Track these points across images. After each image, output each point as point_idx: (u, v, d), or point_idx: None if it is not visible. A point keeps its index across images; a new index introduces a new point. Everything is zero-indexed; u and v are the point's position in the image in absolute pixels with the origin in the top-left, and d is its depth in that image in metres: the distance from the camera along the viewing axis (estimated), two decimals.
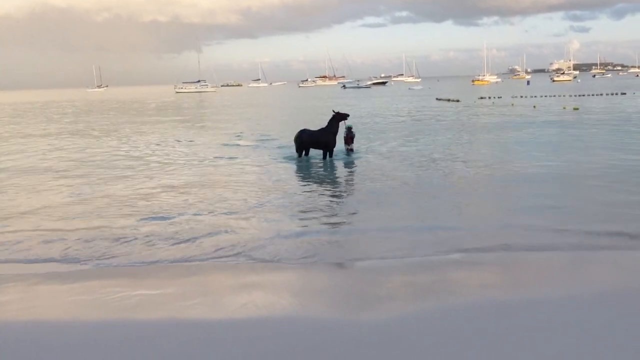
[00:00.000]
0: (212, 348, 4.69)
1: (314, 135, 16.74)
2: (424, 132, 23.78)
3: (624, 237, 7.95)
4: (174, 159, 17.82)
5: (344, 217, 9.72)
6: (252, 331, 5.03)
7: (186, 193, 12.02)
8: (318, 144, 16.62)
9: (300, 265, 7.13)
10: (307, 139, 16.68)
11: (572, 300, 5.55)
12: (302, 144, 16.71)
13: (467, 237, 8.08)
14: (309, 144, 16.75)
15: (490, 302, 5.57)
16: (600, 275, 6.63)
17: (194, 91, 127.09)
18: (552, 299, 5.58)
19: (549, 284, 6.21)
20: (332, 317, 5.44)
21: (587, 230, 8.30)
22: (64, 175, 15.05)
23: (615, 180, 11.95)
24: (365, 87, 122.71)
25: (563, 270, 6.91)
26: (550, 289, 5.96)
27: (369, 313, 5.46)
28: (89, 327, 5.29)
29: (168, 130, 29.51)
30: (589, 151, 16.63)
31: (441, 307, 5.55)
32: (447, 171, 13.76)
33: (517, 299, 5.69)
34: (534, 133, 22.26)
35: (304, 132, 16.93)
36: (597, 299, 5.60)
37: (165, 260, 7.51)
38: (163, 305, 5.84)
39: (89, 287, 6.57)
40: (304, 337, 4.90)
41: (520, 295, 5.81)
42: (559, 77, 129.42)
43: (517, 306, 5.46)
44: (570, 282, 6.27)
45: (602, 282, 6.25)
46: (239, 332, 5.00)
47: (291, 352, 4.60)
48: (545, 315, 5.16)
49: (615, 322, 4.99)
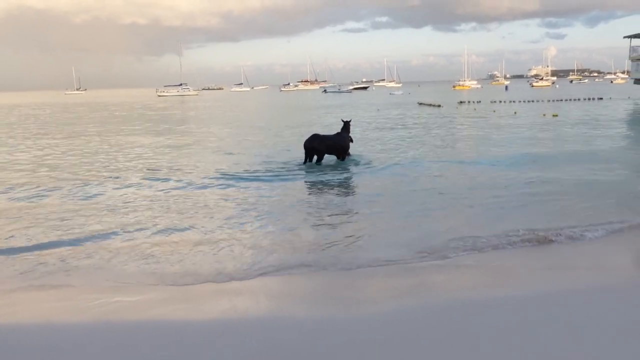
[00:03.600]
0: (193, 352, 4.70)
1: (332, 139, 16.18)
2: (415, 139, 23.96)
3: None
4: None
5: (326, 224, 9.77)
6: (234, 334, 5.04)
7: (165, 209, 11.95)
8: (337, 148, 16.04)
9: (279, 273, 7.15)
10: (328, 143, 15.89)
11: (547, 297, 5.67)
12: (323, 148, 15.79)
13: (442, 240, 8.20)
14: (327, 149, 15.91)
15: (468, 300, 5.66)
16: (574, 272, 6.78)
17: (176, 95, 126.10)
18: (527, 296, 5.70)
19: (523, 282, 6.34)
20: (312, 317, 5.49)
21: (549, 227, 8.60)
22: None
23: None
24: (346, 91, 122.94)
25: (537, 268, 7.04)
26: (525, 287, 6.08)
27: (349, 312, 5.53)
28: (68, 333, 5.25)
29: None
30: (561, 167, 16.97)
31: (420, 305, 5.65)
32: (434, 179, 13.93)
33: (495, 296, 5.78)
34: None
35: (318, 137, 16.08)
36: (571, 295, 5.75)
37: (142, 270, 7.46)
38: (143, 311, 5.83)
39: (67, 293, 6.52)
40: (284, 337, 4.93)
41: (497, 293, 5.91)
42: (537, 82, 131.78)
43: (496, 303, 5.56)
44: (544, 280, 6.39)
45: (575, 279, 6.40)
46: (220, 336, 5.01)
47: (273, 353, 4.62)
48: (521, 311, 5.27)
49: (590, 317, 5.12)
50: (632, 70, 55.52)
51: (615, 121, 31.62)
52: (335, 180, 13.84)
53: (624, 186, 12.12)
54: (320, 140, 15.82)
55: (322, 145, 15.71)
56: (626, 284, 6.32)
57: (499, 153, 18.06)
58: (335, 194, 12.42)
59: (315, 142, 15.72)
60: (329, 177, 14.10)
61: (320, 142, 15.76)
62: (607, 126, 28.07)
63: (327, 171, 14.83)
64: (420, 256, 7.56)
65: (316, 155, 15.76)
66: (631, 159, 16.86)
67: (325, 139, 16.05)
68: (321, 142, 15.79)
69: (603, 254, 7.66)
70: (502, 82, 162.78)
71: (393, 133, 26.62)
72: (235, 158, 18.21)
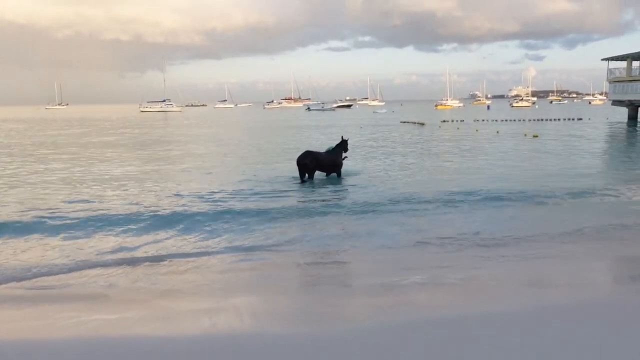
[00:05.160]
0: None
1: (326, 157, 16.44)
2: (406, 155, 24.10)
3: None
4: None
5: (306, 239, 9.74)
6: (215, 352, 4.97)
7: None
8: (332, 165, 16.35)
9: (261, 289, 7.10)
10: (320, 161, 16.16)
11: (527, 312, 5.69)
12: (311, 167, 15.99)
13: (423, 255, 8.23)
14: (320, 166, 16.22)
15: (446, 316, 5.66)
16: (553, 288, 6.83)
17: (159, 110, 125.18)
18: (506, 313, 5.72)
19: (500, 298, 6.36)
20: (293, 332, 5.44)
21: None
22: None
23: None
24: (330, 109, 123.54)
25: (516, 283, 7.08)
26: (502, 303, 6.11)
27: (330, 328, 5.49)
28: (44, 353, 5.12)
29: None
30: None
31: (399, 321, 5.63)
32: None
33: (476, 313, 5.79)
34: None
35: (311, 154, 16.31)
36: (547, 312, 5.78)
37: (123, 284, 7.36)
38: (122, 330, 5.72)
39: (42, 311, 6.38)
40: (265, 352, 4.87)
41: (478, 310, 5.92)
42: (517, 103, 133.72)
43: (477, 319, 5.56)
44: (520, 296, 6.43)
45: (553, 295, 6.44)
46: (201, 354, 4.93)
47: None
48: (500, 328, 5.29)
49: (571, 334, 5.14)
50: (609, 91, 56.65)
51: (594, 141, 32.23)
52: (320, 198, 13.83)
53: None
54: (312, 157, 16.03)
55: (313, 162, 15.94)
56: (608, 300, 6.37)
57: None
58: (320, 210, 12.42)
59: (308, 159, 15.93)
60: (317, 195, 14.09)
61: (312, 159, 15.98)
62: (588, 144, 28.58)
63: (316, 188, 14.86)
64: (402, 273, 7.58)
65: (307, 172, 15.93)
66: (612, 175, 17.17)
67: (318, 156, 16.29)
68: (313, 159, 16.01)
69: (582, 269, 7.73)
70: (483, 101, 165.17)
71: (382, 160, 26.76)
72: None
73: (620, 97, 52.74)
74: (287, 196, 13.92)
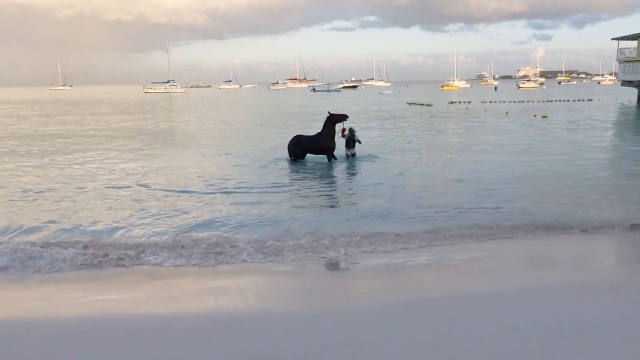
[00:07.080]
0: (179, 350, 4.63)
1: (312, 140, 16.24)
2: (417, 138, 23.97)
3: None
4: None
5: (315, 222, 9.74)
6: (220, 332, 4.99)
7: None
8: (316, 149, 16.15)
9: (266, 271, 7.12)
10: (305, 145, 16.14)
11: (526, 293, 5.68)
12: (300, 151, 16.14)
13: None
14: (306, 150, 16.20)
15: (449, 297, 5.66)
16: (553, 269, 6.81)
17: (163, 92, 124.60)
18: (508, 293, 5.71)
19: (504, 279, 6.35)
20: (299, 311, 5.46)
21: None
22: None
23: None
24: (335, 90, 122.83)
25: (519, 265, 7.06)
26: (507, 284, 6.10)
27: (336, 307, 5.51)
28: (51, 332, 5.15)
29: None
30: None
31: (404, 301, 5.65)
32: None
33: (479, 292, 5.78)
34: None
35: (300, 138, 16.38)
36: (549, 292, 5.77)
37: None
38: (128, 310, 5.76)
39: (47, 291, 6.43)
40: (273, 332, 4.88)
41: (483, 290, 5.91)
42: (524, 84, 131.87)
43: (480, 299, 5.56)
44: (523, 277, 6.41)
45: (554, 276, 6.42)
46: (206, 334, 4.95)
47: (262, 347, 4.58)
48: (500, 308, 5.29)
49: (573, 313, 5.13)
50: (619, 72, 55.82)
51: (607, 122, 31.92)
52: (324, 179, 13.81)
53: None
54: (300, 141, 16.31)
55: (298, 147, 16.22)
56: (611, 281, 6.35)
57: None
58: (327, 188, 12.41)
59: (294, 143, 16.28)
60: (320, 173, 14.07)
61: (297, 144, 16.24)
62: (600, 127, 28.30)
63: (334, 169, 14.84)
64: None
65: (296, 156, 16.26)
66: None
67: (305, 139, 16.44)
68: (300, 143, 16.26)
69: (586, 250, 7.70)
70: (491, 82, 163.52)
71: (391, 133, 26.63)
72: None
73: (630, 77, 51.94)
74: (297, 180, 13.98)
